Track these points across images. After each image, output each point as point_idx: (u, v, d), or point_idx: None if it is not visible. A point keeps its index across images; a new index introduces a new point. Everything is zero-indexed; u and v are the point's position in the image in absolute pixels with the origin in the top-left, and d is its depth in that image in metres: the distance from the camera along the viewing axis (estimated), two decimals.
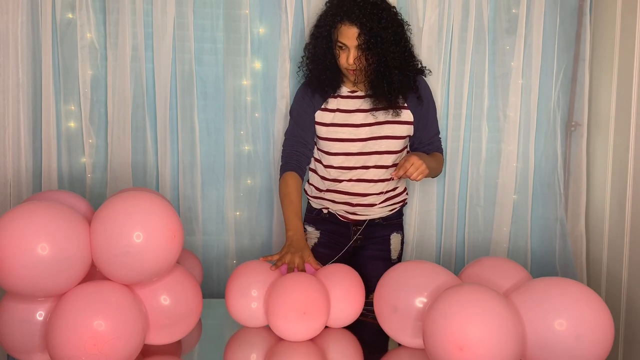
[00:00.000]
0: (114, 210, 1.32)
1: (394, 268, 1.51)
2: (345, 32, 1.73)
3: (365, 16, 1.71)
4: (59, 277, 1.26)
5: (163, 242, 1.32)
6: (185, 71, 2.13)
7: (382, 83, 1.78)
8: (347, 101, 1.87)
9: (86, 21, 2.07)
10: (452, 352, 1.21)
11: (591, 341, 1.24)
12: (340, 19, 1.73)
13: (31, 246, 1.22)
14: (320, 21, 1.82)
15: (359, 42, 1.72)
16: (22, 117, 2.05)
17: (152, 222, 1.31)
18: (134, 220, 1.30)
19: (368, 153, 1.85)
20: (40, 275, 1.23)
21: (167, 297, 1.40)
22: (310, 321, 1.48)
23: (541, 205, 2.31)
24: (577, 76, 2.25)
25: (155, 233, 1.31)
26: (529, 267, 2.30)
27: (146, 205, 1.34)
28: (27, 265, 1.22)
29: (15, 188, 2.06)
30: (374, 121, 1.85)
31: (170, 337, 1.45)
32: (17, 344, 1.34)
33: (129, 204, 1.33)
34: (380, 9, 1.75)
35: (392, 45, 1.76)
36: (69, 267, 1.27)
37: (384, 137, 1.85)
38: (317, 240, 1.96)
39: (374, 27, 1.71)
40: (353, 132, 1.85)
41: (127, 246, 1.28)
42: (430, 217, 2.28)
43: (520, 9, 2.21)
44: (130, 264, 1.30)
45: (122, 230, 1.29)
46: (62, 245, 1.25)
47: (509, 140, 2.27)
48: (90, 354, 1.22)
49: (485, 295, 1.26)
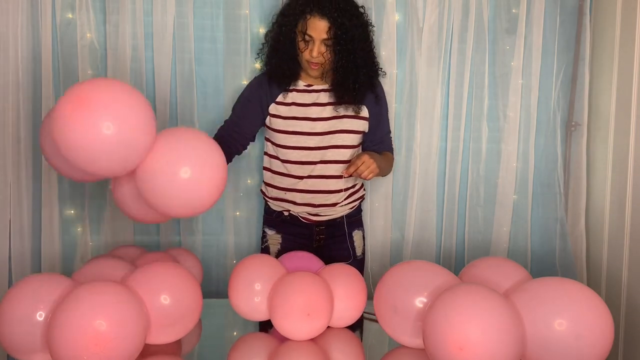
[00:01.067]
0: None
1: (394, 268, 1.51)
2: (314, 24, 1.71)
3: (337, 11, 1.70)
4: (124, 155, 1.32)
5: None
6: (185, 71, 2.13)
7: (349, 80, 1.79)
8: (302, 95, 1.87)
9: (86, 21, 2.07)
10: (452, 352, 1.21)
11: (591, 341, 1.24)
12: (310, 11, 1.71)
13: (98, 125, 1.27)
14: (286, 10, 1.79)
15: (328, 36, 1.72)
16: (22, 117, 2.05)
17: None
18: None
19: (325, 147, 1.86)
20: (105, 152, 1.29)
21: (167, 296, 1.40)
22: (314, 322, 1.49)
23: (541, 205, 2.31)
24: (577, 76, 2.25)
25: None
26: (529, 267, 2.30)
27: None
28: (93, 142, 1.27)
29: (15, 188, 2.06)
30: (330, 115, 1.86)
31: (170, 337, 1.45)
32: (17, 344, 1.34)
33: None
34: (352, 5, 1.76)
35: (361, 43, 1.77)
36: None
37: (342, 131, 1.86)
38: (279, 245, 1.95)
39: (345, 23, 1.71)
40: (310, 126, 1.85)
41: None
42: (430, 217, 2.28)
43: (520, 9, 2.21)
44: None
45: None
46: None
47: (509, 140, 2.27)
48: (92, 354, 1.22)
49: (485, 295, 1.26)
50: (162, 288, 1.40)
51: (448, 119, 2.26)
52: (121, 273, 1.52)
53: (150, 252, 1.83)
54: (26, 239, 2.08)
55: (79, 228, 2.16)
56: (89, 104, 1.25)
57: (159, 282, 1.41)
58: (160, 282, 1.41)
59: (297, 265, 1.64)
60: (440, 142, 2.26)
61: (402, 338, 1.45)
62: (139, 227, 2.19)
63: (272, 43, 1.84)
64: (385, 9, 2.16)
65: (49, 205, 2.09)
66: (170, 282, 1.43)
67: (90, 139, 1.27)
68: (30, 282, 1.40)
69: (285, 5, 1.82)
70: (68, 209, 2.15)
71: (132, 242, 2.16)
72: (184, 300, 1.43)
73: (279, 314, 1.49)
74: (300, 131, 1.85)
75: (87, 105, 1.25)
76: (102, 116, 1.26)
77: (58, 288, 1.36)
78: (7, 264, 2.07)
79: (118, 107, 1.29)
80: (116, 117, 1.28)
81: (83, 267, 1.57)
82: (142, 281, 1.41)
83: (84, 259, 2.13)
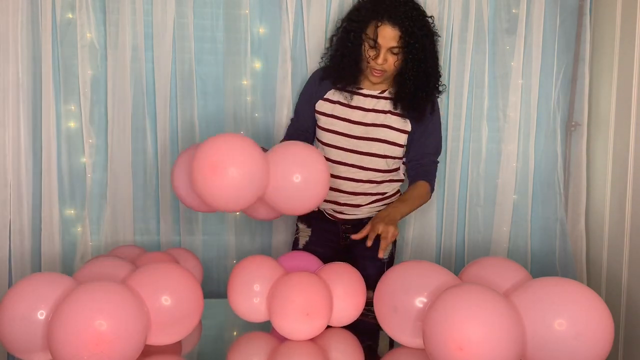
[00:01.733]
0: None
1: (394, 268, 1.51)
2: (385, 32, 1.68)
3: (409, 19, 1.67)
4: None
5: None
6: (185, 71, 2.13)
7: (416, 89, 1.77)
8: (351, 96, 1.86)
9: (86, 21, 2.07)
10: (452, 352, 1.20)
11: (591, 341, 1.24)
12: (381, 18, 1.68)
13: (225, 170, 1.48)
14: (355, 15, 1.77)
15: (397, 44, 1.69)
16: (22, 117, 2.05)
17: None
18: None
19: (360, 153, 1.86)
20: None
21: (168, 297, 1.40)
22: (313, 321, 1.49)
23: (541, 205, 2.31)
24: (577, 76, 2.25)
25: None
26: (529, 267, 2.30)
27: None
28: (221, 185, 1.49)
29: (15, 188, 2.06)
30: (371, 122, 1.85)
31: (170, 338, 1.45)
32: (18, 342, 1.34)
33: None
34: (421, 13, 1.73)
35: (430, 52, 1.74)
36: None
37: (378, 139, 1.85)
38: (308, 238, 1.96)
39: (416, 32, 1.68)
40: (348, 128, 1.85)
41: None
42: (430, 217, 2.28)
43: (520, 9, 2.21)
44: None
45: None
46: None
47: (509, 140, 2.27)
48: (93, 354, 1.22)
49: (485, 295, 1.26)
50: (163, 289, 1.40)
51: (448, 119, 2.25)
52: (122, 273, 1.52)
53: (150, 252, 1.83)
54: (26, 239, 2.08)
55: (79, 228, 2.16)
56: (223, 169, 1.48)
57: (160, 283, 1.41)
58: (162, 283, 1.41)
59: (295, 265, 1.64)
60: None
61: (402, 338, 1.45)
62: (139, 227, 2.19)
63: (337, 47, 1.83)
64: None
65: (49, 205, 2.09)
66: (172, 283, 1.42)
67: (227, 193, 1.51)
68: (32, 281, 1.39)
69: (353, 10, 1.80)
70: (68, 209, 2.15)
71: (132, 242, 2.16)
72: (184, 302, 1.43)
73: (278, 315, 1.49)
74: (338, 131, 1.86)
75: (221, 170, 1.48)
76: (235, 177, 1.48)
77: (59, 287, 1.36)
78: (7, 263, 2.07)
79: (243, 160, 1.50)
80: (244, 171, 1.50)
81: (84, 267, 1.57)
82: (143, 282, 1.40)
83: (84, 259, 2.13)
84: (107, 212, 2.14)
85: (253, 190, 1.52)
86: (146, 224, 2.19)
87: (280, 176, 1.55)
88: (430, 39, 1.76)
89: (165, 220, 2.18)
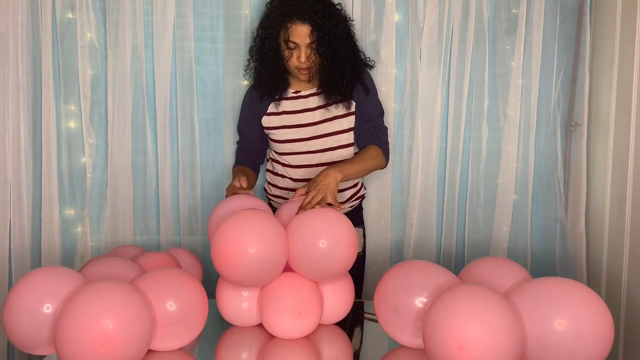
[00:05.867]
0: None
1: (394, 268, 1.51)
2: (296, 31, 1.73)
3: (316, 13, 1.73)
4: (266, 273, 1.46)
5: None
6: (185, 71, 2.13)
7: (336, 78, 1.81)
8: (292, 102, 1.90)
9: (86, 21, 2.07)
10: (452, 352, 1.20)
11: (591, 341, 1.24)
12: (290, 19, 1.73)
13: (246, 248, 1.41)
14: (265, 22, 1.82)
15: (311, 39, 1.74)
16: (22, 117, 2.05)
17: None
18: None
19: (322, 150, 1.90)
20: (252, 270, 1.43)
21: (174, 303, 1.39)
22: (305, 320, 1.50)
23: (541, 205, 2.31)
24: (577, 76, 2.25)
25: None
26: (529, 267, 2.30)
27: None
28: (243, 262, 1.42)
29: (15, 188, 2.06)
30: (322, 119, 1.88)
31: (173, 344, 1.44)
32: (24, 336, 1.34)
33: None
34: (328, 5, 1.79)
35: (344, 40, 1.80)
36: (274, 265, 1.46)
37: (335, 132, 1.89)
38: None
39: (326, 24, 1.74)
40: (303, 132, 1.89)
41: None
42: (430, 217, 2.28)
43: (520, 9, 2.21)
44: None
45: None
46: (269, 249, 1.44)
47: (509, 140, 2.27)
48: (98, 353, 1.22)
49: (485, 295, 1.26)
50: (170, 294, 1.40)
51: (448, 119, 2.26)
52: (131, 274, 1.52)
53: (151, 252, 1.83)
54: (26, 239, 2.08)
55: (79, 228, 2.16)
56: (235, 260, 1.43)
57: (167, 288, 1.41)
58: (169, 288, 1.41)
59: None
60: (440, 142, 2.26)
61: (402, 338, 1.45)
62: (139, 227, 2.19)
63: (257, 57, 1.87)
64: (385, 9, 2.17)
65: (49, 205, 2.09)
66: (179, 289, 1.42)
67: (245, 281, 1.47)
68: (39, 274, 1.39)
69: (263, 17, 1.84)
70: (68, 209, 2.15)
71: (132, 242, 2.16)
72: (190, 309, 1.43)
73: (270, 316, 1.51)
74: (293, 138, 1.89)
75: (232, 260, 1.43)
76: (260, 256, 1.42)
77: (67, 283, 1.36)
78: (8, 263, 2.07)
79: (269, 240, 1.45)
80: (273, 250, 1.45)
81: (92, 265, 1.56)
82: (151, 285, 1.40)
83: (84, 259, 2.13)
84: (107, 212, 2.14)
85: (272, 270, 1.47)
86: (146, 224, 2.19)
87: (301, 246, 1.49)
88: (342, 26, 1.81)
89: (165, 220, 2.18)
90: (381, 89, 2.18)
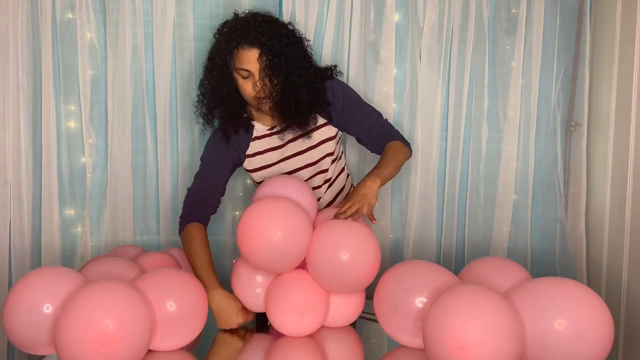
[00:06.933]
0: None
1: (394, 268, 1.51)
2: (244, 56, 1.62)
3: (263, 35, 1.61)
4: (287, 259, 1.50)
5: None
6: (185, 71, 2.13)
7: (290, 104, 1.67)
8: (270, 139, 1.80)
9: (86, 21, 2.07)
10: (452, 352, 1.21)
11: (591, 341, 1.24)
12: (236, 44, 1.62)
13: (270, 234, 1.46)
14: (213, 52, 1.70)
15: (261, 64, 1.61)
16: (22, 117, 2.05)
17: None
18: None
19: (312, 176, 1.84)
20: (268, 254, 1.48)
21: (174, 303, 1.39)
22: (306, 321, 1.50)
23: (541, 205, 2.31)
24: (577, 76, 2.25)
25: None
26: (529, 267, 2.30)
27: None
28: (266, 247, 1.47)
29: (15, 188, 2.06)
30: (307, 147, 1.79)
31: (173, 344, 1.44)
32: (24, 336, 1.34)
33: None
34: (277, 25, 1.67)
35: (297, 62, 1.66)
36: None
37: (323, 157, 1.81)
38: None
39: (275, 46, 1.62)
40: (291, 164, 1.81)
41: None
42: (430, 217, 2.28)
43: (520, 9, 2.21)
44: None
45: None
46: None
47: (509, 140, 2.27)
48: (98, 353, 1.22)
49: (485, 295, 1.26)
50: (170, 294, 1.40)
51: (448, 119, 2.26)
52: (131, 274, 1.52)
53: (151, 252, 1.83)
54: (26, 239, 2.08)
55: (79, 228, 2.16)
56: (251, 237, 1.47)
57: (167, 288, 1.41)
58: (169, 288, 1.41)
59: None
60: (440, 142, 2.26)
61: (402, 338, 1.46)
62: (139, 227, 2.19)
63: (211, 93, 1.72)
64: (385, 9, 2.17)
65: (49, 205, 2.09)
66: (179, 290, 1.43)
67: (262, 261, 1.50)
68: (39, 274, 1.39)
69: (210, 50, 1.73)
70: (68, 209, 2.15)
71: (132, 242, 2.16)
72: (190, 309, 1.43)
73: (273, 312, 1.52)
74: (277, 174, 1.80)
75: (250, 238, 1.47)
76: (279, 241, 1.47)
77: (68, 283, 1.36)
78: (7, 263, 2.07)
79: (290, 229, 1.48)
80: (291, 241, 1.49)
81: (91, 265, 1.57)
82: (151, 285, 1.41)
83: (84, 259, 2.13)
84: (107, 212, 2.14)
85: (286, 260, 1.49)
86: (146, 224, 2.19)
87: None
88: (295, 46, 1.67)
89: (165, 220, 2.18)
90: (381, 89, 2.18)
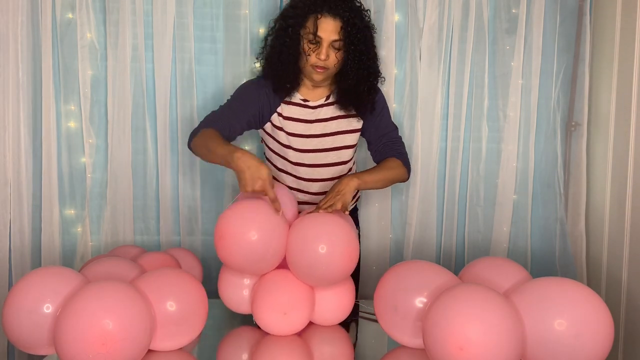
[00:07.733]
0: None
1: (394, 268, 1.51)
2: (325, 24, 1.60)
3: (349, 10, 1.62)
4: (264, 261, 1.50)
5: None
6: (185, 71, 2.13)
7: (352, 84, 1.69)
8: (299, 110, 1.78)
9: (86, 21, 2.07)
10: (452, 352, 1.20)
11: (591, 341, 1.24)
12: (320, 10, 1.61)
13: (246, 235, 1.45)
14: (290, 12, 1.66)
15: (339, 37, 1.62)
16: (22, 117, 2.05)
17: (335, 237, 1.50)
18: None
19: (317, 165, 1.82)
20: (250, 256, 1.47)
21: (174, 303, 1.39)
22: (292, 318, 1.52)
23: (541, 205, 2.31)
24: (577, 76, 2.25)
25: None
26: (529, 267, 2.30)
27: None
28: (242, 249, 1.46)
29: (15, 188, 2.06)
30: (333, 131, 1.79)
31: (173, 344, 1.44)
32: (24, 336, 1.34)
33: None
34: (360, 6, 1.69)
35: (370, 46, 1.69)
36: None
37: (334, 148, 1.81)
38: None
39: (357, 23, 1.63)
40: (314, 143, 1.80)
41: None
42: (430, 217, 2.28)
43: (520, 9, 2.21)
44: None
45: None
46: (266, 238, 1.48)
47: (509, 140, 2.27)
48: (98, 353, 1.22)
49: (485, 295, 1.26)
50: (170, 294, 1.40)
51: (448, 119, 2.26)
52: (131, 274, 1.52)
53: (151, 252, 1.83)
54: (26, 239, 2.08)
55: (79, 228, 2.16)
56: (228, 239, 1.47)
57: (167, 288, 1.41)
58: (169, 289, 1.41)
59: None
60: (440, 142, 2.26)
61: (402, 338, 1.45)
62: (139, 227, 2.19)
63: (277, 47, 1.69)
64: (385, 9, 2.17)
65: (49, 205, 2.09)
66: (179, 290, 1.43)
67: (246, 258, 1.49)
68: (39, 274, 1.39)
69: (287, 7, 1.71)
70: (68, 209, 2.15)
71: (132, 242, 2.16)
72: (190, 309, 1.43)
73: (258, 311, 1.53)
74: (294, 147, 1.79)
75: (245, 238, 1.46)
76: (261, 241, 1.47)
77: (68, 283, 1.36)
78: (7, 263, 2.07)
79: (266, 229, 1.48)
80: (267, 240, 1.48)
81: (91, 265, 1.57)
82: (151, 285, 1.40)
83: (84, 259, 2.13)
84: (107, 212, 2.14)
85: (264, 259, 1.49)
86: (146, 224, 2.19)
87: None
88: (370, 31, 1.71)
89: (165, 220, 2.18)
90: (381, 89, 2.18)
